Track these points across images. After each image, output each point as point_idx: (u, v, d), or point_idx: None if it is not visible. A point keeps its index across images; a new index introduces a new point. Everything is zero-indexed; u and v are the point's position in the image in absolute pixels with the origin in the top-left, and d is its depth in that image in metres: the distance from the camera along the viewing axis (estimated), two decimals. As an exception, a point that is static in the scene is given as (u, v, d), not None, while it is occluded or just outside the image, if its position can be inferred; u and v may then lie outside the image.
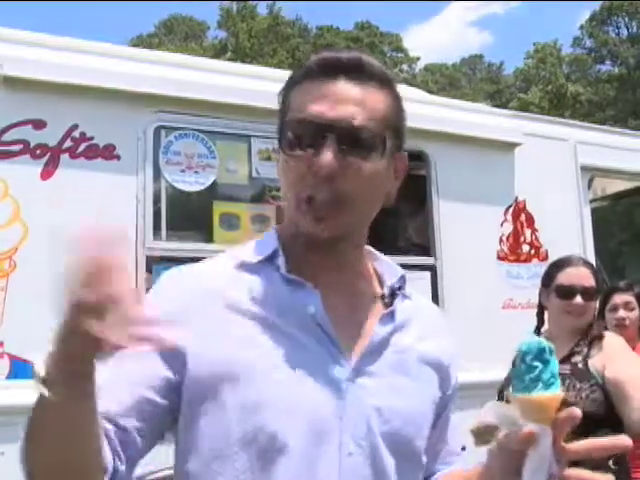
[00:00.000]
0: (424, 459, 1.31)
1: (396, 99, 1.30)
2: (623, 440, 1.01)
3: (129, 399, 1.16)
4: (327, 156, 1.18)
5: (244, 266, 1.27)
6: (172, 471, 1.26)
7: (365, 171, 1.22)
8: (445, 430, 1.40)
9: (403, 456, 1.24)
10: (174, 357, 1.17)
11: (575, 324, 3.04)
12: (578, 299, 3.03)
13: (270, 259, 1.27)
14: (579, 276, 3.09)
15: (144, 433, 1.17)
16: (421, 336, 1.33)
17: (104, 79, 3.48)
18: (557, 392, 1.02)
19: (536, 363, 1.03)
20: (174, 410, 1.21)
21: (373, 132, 1.23)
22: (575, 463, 1.03)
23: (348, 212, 1.23)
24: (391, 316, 1.29)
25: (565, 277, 3.10)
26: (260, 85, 3.79)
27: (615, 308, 4.16)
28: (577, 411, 1.01)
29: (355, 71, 1.24)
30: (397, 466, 1.23)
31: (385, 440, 1.22)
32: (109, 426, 1.14)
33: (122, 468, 1.14)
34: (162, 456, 1.42)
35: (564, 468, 1.01)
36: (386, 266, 1.39)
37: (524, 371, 1.04)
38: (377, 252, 1.41)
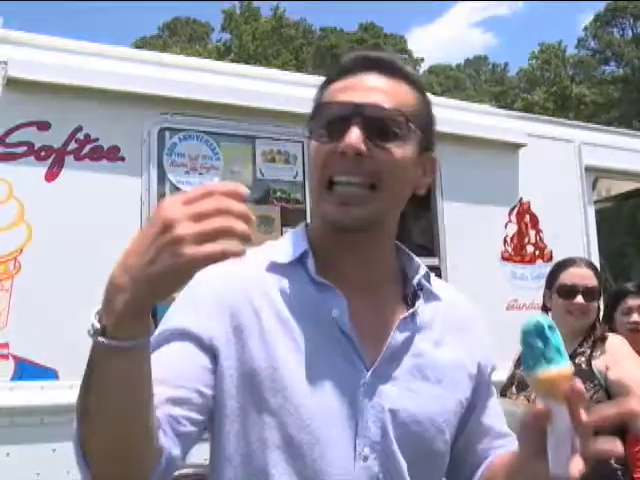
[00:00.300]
0: (446, 460, 1.31)
1: (426, 102, 1.33)
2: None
3: (181, 390, 1.16)
4: (353, 135, 1.19)
5: (274, 267, 1.27)
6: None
7: (392, 154, 1.23)
8: (483, 418, 1.37)
9: (421, 459, 1.25)
10: (210, 350, 1.19)
11: (577, 324, 3.05)
12: (579, 299, 3.03)
13: (300, 260, 1.27)
14: (581, 276, 3.09)
15: (194, 422, 1.17)
16: (444, 337, 1.33)
17: (108, 81, 3.49)
18: (562, 367, 1.01)
19: (536, 342, 1.03)
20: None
21: (400, 120, 1.24)
22: None
23: (376, 197, 1.23)
24: (412, 319, 1.29)
25: (567, 277, 3.10)
26: (264, 87, 3.80)
27: (629, 312, 4.11)
28: (578, 384, 1.01)
29: (387, 67, 1.27)
30: (414, 469, 1.24)
31: (402, 444, 1.22)
32: (161, 414, 1.12)
33: (176, 453, 1.13)
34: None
35: (587, 442, 1.00)
36: (411, 263, 1.37)
37: (526, 351, 1.03)
38: (404, 247, 1.41)
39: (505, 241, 4.61)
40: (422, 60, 56.98)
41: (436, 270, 4.27)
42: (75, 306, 3.24)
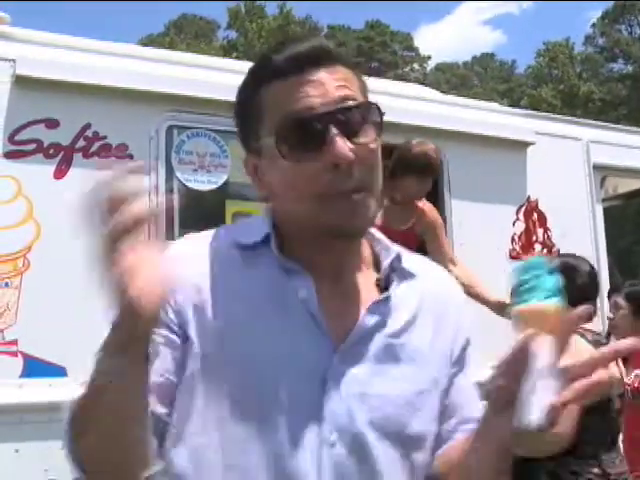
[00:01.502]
0: (430, 440, 1.27)
1: (363, 80, 1.26)
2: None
3: (155, 386, 1.14)
4: (340, 145, 1.13)
5: (239, 247, 1.24)
6: None
7: (372, 150, 1.19)
8: (451, 397, 1.31)
9: (398, 442, 1.22)
10: (179, 335, 1.18)
11: None
12: None
13: (265, 241, 1.23)
14: None
15: (169, 415, 1.18)
16: (418, 315, 1.28)
17: (117, 79, 3.50)
18: (549, 301, 0.98)
19: (528, 276, 0.99)
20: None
21: (367, 108, 1.20)
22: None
23: (372, 197, 1.19)
24: (385, 302, 1.25)
25: None
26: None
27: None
28: (575, 313, 0.99)
29: (323, 58, 1.20)
30: (390, 453, 1.20)
31: (374, 427, 1.19)
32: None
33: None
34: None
35: (568, 385, 0.97)
36: (382, 246, 1.33)
37: (518, 285, 1.00)
38: (376, 233, 1.35)
39: (513, 240, 4.60)
40: (429, 58, 56.96)
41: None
42: (84, 303, 3.24)
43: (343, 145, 1.14)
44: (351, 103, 1.18)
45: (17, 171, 3.25)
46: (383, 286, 1.28)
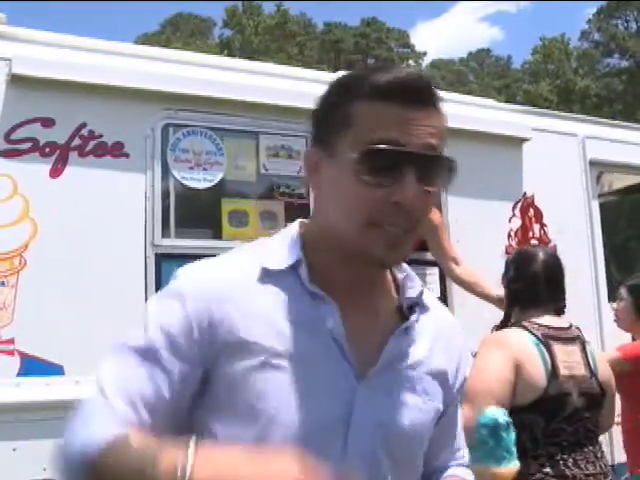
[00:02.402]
0: (421, 464, 1.34)
1: (446, 120, 1.28)
2: None
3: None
4: (413, 189, 1.18)
5: (267, 273, 1.25)
6: None
7: (431, 198, 1.24)
8: (449, 427, 1.42)
9: (403, 467, 1.27)
10: (195, 361, 1.19)
11: None
12: None
13: (293, 267, 1.25)
14: None
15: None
16: (433, 348, 1.34)
17: (112, 77, 3.49)
18: (507, 468, 1.03)
19: (489, 439, 1.03)
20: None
21: (446, 163, 1.24)
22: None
23: (414, 238, 1.25)
24: (406, 331, 1.30)
25: None
26: (268, 82, 3.80)
27: None
28: None
29: (429, 100, 1.23)
30: (397, 476, 1.25)
31: (388, 455, 1.24)
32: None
33: None
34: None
35: None
36: (406, 276, 1.37)
37: (478, 444, 1.04)
38: None
39: (509, 236, 4.60)
40: (425, 54, 56.94)
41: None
42: (80, 302, 3.25)
43: (414, 190, 1.18)
44: (437, 154, 1.22)
45: (13, 170, 3.25)
46: (405, 314, 1.33)
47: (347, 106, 1.23)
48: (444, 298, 4.17)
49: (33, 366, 3.14)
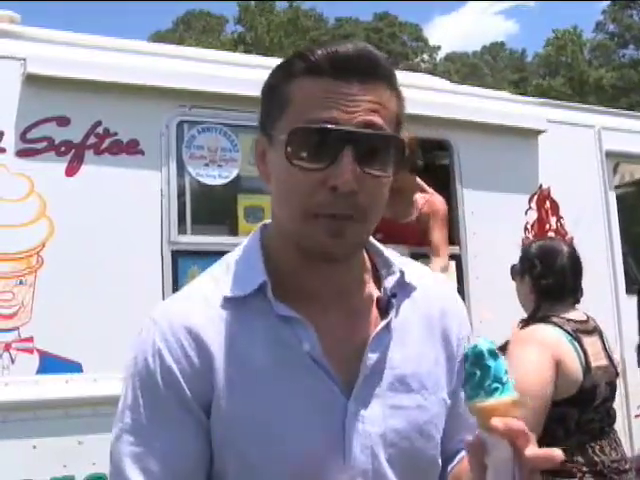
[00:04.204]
0: (439, 462, 1.27)
1: (402, 102, 1.19)
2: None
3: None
4: (348, 171, 1.07)
5: (230, 302, 1.17)
6: None
7: (381, 183, 1.14)
8: (460, 409, 1.30)
9: (412, 471, 1.21)
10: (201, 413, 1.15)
11: None
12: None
13: (259, 289, 1.16)
14: None
15: None
16: (423, 335, 1.26)
17: (126, 75, 3.50)
18: (501, 399, 0.97)
19: (475, 370, 0.98)
20: None
21: (391, 142, 1.14)
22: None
23: (365, 227, 1.15)
24: (387, 328, 1.21)
25: None
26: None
27: None
28: (515, 423, 0.97)
29: (368, 72, 1.12)
30: None
31: (391, 463, 1.18)
32: None
33: None
34: None
35: (530, 475, 0.97)
36: (383, 261, 1.28)
37: (466, 379, 0.99)
38: (375, 243, 1.31)
39: (526, 228, 4.58)
40: (439, 48, 56.76)
41: (457, 259, 4.26)
42: (98, 299, 3.26)
43: (349, 171, 1.08)
44: (375, 131, 1.11)
45: (29, 169, 3.26)
46: (385, 307, 1.23)
47: (283, 87, 1.15)
48: (461, 293, 4.16)
49: (52, 364, 3.15)
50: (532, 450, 0.97)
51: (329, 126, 1.08)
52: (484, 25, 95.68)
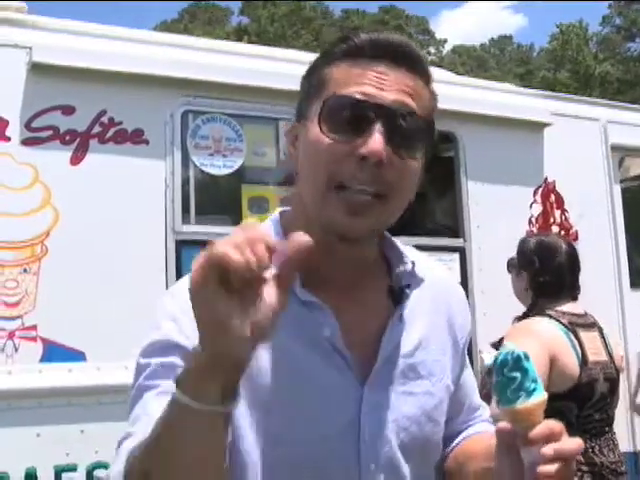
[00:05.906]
0: (441, 445, 1.31)
1: (435, 100, 1.22)
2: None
3: None
4: (378, 141, 1.09)
5: None
6: None
7: (409, 167, 1.14)
8: (460, 392, 1.38)
9: (420, 455, 1.24)
10: None
11: None
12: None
13: None
14: None
15: None
16: (432, 325, 1.29)
17: (132, 64, 3.49)
18: (540, 397, 1.02)
19: (514, 374, 1.02)
20: None
21: (423, 128, 1.15)
22: None
23: (387, 209, 1.15)
24: (399, 318, 1.24)
25: None
26: (287, 68, 3.78)
27: None
28: (554, 425, 1.00)
29: (406, 60, 1.15)
30: (415, 467, 1.23)
31: (402, 448, 1.21)
32: None
33: None
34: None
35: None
36: (395, 253, 1.30)
37: (505, 384, 1.03)
38: (388, 235, 1.32)
39: (530, 221, 4.57)
40: (445, 41, 56.61)
41: (461, 251, 4.26)
42: (102, 289, 3.27)
43: (380, 142, 1.09)
44: (408, 110, 1.12)
45: (34, 158, 3.26)
46: (397, 297, 1.25)
47: (322, 69, 1.18)
48: (464, 285, 4.15)
49: (55, 352, 3.16)
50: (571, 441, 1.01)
51: (362, 97, 1.11)
52: (492, 19, 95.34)
